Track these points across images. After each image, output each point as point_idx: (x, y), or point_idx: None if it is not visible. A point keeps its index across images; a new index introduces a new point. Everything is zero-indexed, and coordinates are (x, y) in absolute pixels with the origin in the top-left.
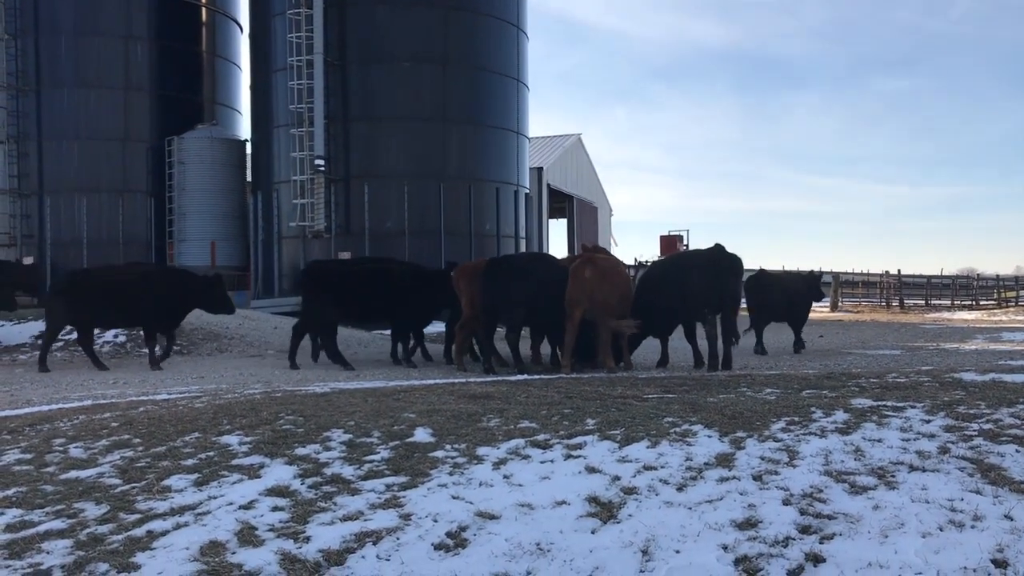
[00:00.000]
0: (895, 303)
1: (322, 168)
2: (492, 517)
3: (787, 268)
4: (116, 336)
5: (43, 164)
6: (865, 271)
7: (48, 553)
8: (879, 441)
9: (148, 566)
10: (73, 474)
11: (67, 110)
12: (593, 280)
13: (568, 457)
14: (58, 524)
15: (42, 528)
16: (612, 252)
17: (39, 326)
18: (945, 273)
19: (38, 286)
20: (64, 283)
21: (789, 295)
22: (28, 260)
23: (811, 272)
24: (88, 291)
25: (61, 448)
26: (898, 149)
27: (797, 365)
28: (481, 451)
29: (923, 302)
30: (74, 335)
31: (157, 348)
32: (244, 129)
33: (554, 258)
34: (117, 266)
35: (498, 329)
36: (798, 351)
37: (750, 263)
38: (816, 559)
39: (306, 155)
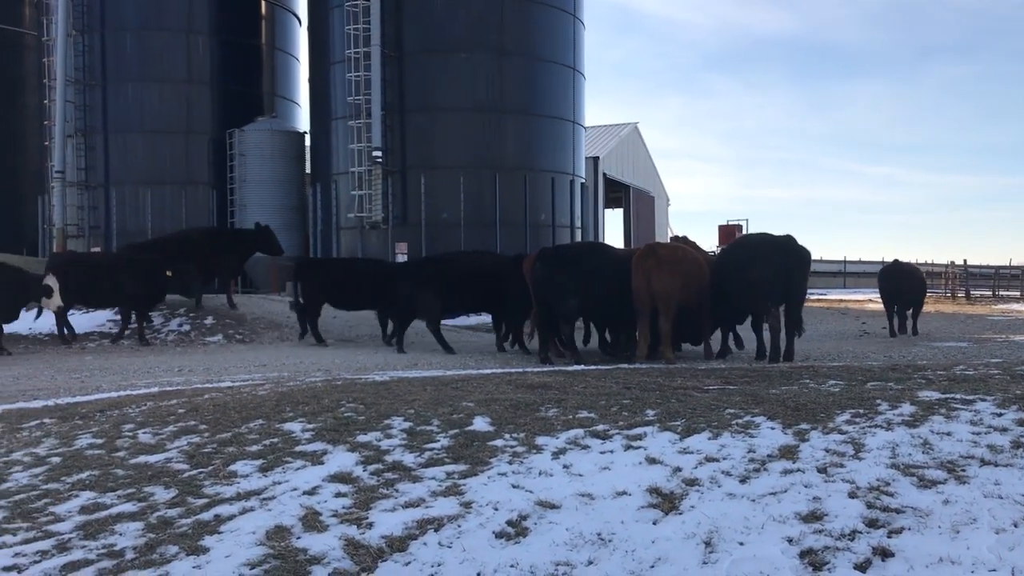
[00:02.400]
0: (961, 294)
1: (379, 160)
2: (552, 506)
3: (849, 259)
4: (181, 325)
5: (109, 157)
6: (929, 261)
7: (121, 535)
8: (948, 434)
9: (216, 549)
10: (142, 459)
11: (132, 104)
12: (653, 270)
13: (628, 448)
14: (129, 507)
15: (114, 511)
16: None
17: (107, 314)
18: (1014, 263)
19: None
20: (312, 270)
21: (918, 284)
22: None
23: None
24: (334, 277)
25: (130, 433)
26: (961, 137)
27: (860, 356)
28: (540, 440)
29: (990, 293)
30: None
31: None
32: (303, 121)
33: (611, 247)
34: (359, 259)
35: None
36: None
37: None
38: (884, 553)
39: (364, 147)
